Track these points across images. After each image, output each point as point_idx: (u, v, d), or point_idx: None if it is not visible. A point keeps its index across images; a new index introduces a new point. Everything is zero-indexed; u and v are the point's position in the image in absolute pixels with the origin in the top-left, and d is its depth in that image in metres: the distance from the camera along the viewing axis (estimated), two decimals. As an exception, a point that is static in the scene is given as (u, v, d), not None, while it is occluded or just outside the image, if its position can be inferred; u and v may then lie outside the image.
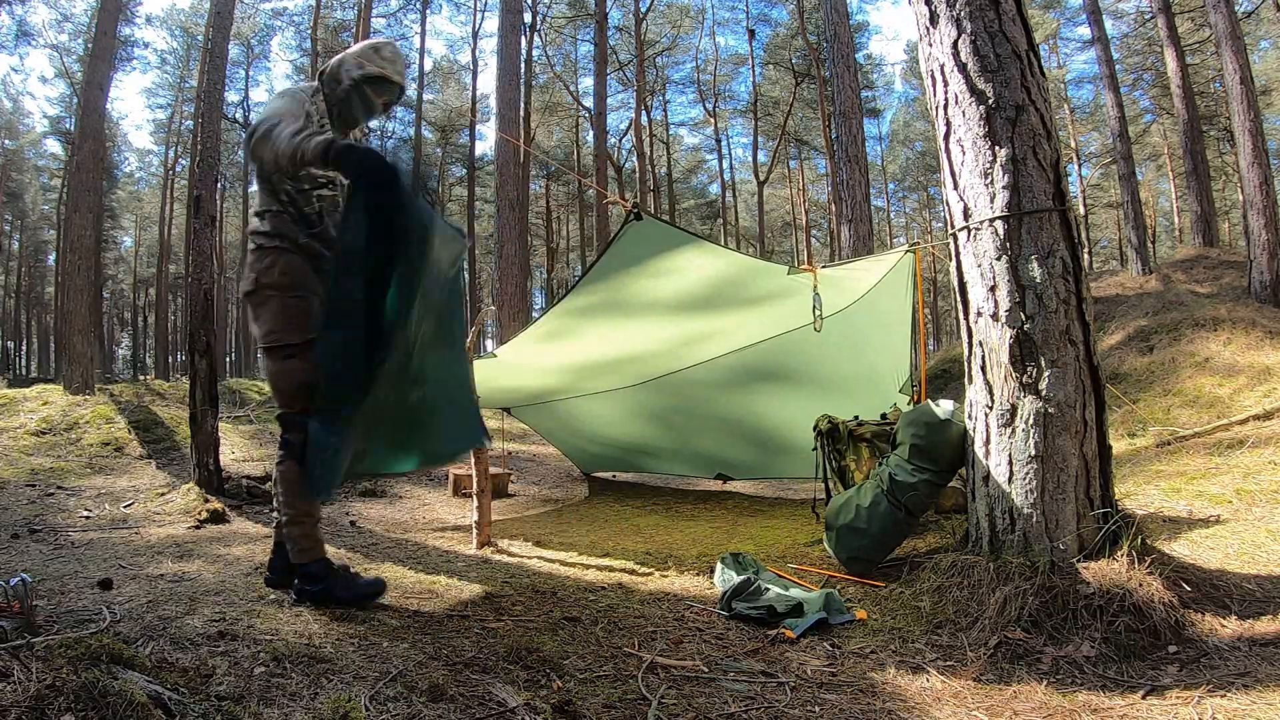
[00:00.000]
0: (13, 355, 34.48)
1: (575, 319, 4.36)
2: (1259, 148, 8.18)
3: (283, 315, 2.27)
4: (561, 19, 23.54)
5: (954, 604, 2.27)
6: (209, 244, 5.46)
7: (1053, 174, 2.40)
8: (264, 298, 2.28)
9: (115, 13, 10.34)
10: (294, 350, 2.25)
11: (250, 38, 24.86)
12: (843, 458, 3.80)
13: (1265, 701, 1.63)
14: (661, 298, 4.22)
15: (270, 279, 2.27)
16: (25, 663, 1.31)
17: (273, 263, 2.28)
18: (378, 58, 2.45)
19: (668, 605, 2.58)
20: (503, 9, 11.61)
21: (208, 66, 6.26)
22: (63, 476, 5.27)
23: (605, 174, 17.02)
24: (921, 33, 2.67)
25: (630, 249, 3.70)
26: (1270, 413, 5.06)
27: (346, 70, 2.43)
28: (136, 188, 34.26)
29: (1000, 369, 2.40)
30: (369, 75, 2.42)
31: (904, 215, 38.02)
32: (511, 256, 11.07)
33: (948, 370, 9.43)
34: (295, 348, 2.25)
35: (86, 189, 9.20)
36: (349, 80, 2.42)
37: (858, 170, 9.75)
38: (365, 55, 2.44)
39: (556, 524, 4.67)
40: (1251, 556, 2.66)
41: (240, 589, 2.42)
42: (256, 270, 2.30)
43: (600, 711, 1.65)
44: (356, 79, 2.42)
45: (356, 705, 1.48)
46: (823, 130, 22.08)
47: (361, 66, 2.42)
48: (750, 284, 4.18)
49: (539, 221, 30.87)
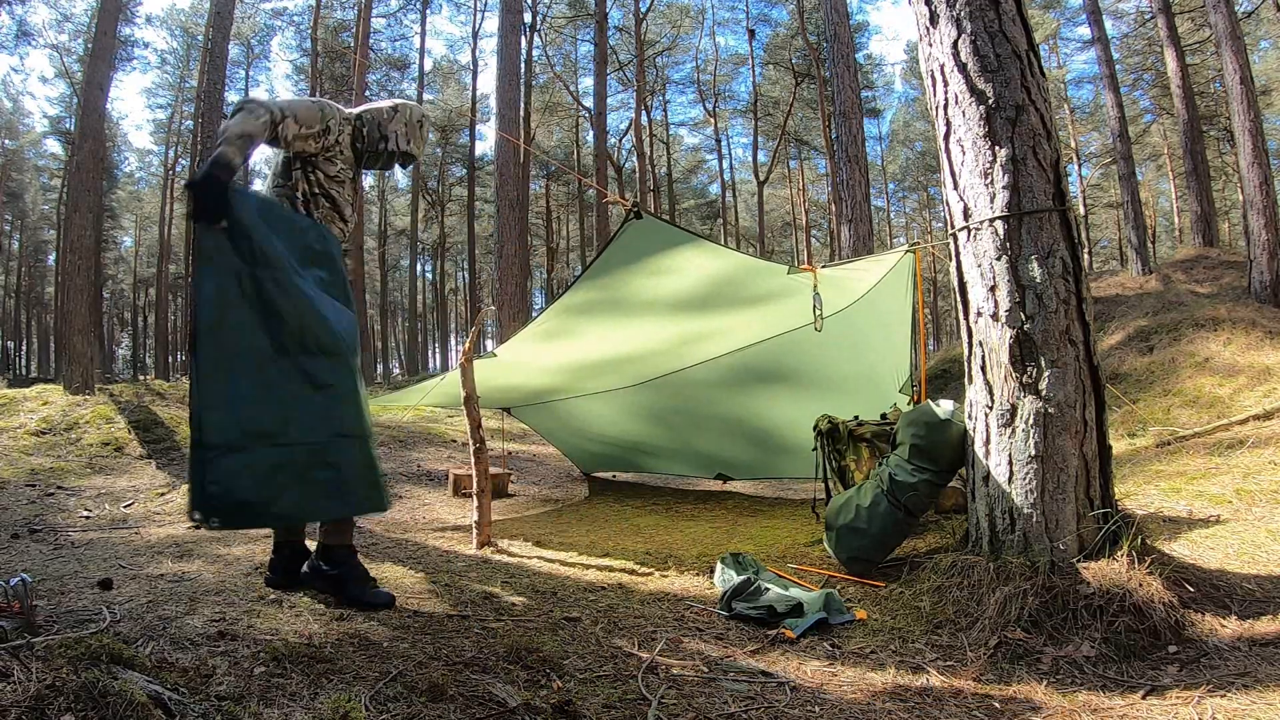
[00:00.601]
0: (13, 355, 34.48)
1: (575, 318, 4.36)
2: (1259, 148, 8.18)
3: None
4: (561, 19, 23.54)
5: (954, 604, 2.27)
6: (209, 244, 5.45)
7: (1053, 174, 2.40)
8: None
9: (115, 13, 10.34)
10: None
11: (250, 38, 24.85)
12: (843, 458, 3.80)
13: (1265, 701, 1.63)
14: (661, 297, 4.22)
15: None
16: (25, 663, 1.31)
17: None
18: (419, 137, 2.67)
19: (668, 605, 2.58)
20: (503, 9, 11.61)
21: (208, 66, 6.27)
22: (63, 476, 5.27)
23: (605, 174, 17.02)
24: (921, 33, 2.67)
25: (630, 248, 3.69)
26: (1270, 413, 5.07)
27: (394, 138, 2.60)
28: (136, 188, 34.26)
29: (1000, 369, 2.40)
30: (407, 153, 2.65)
31: (904, 215, 38.03)
32: (511, 256, 11.07)
33: (948, 370, 9.44)
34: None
35: (86, 189, 9.20)
36: (394, 146, 2.61)
37: (858, 170, 9.76)
38: (413, 131, 2.65)
39: (556, 524, 4.67)
40: (1251, 556, 2.66)
41: (240, 589, 2.42)
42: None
43: (600, 711, 1.65)
44: (398, 150, 2.62)
45: (356, 705, 1.48)
46: (823, 130, 22.09)
47: (409, 142, 2.64)
48: (750, 284, 4.18)
49: (539, 221, 30.87)
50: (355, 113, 2.58)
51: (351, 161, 2.56)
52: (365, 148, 2.57)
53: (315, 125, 2.36)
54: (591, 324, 4.45)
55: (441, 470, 6.49)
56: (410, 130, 2.63)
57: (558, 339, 4.58)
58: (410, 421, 8.46)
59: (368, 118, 2.57)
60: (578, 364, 5.07)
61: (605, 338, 4.67)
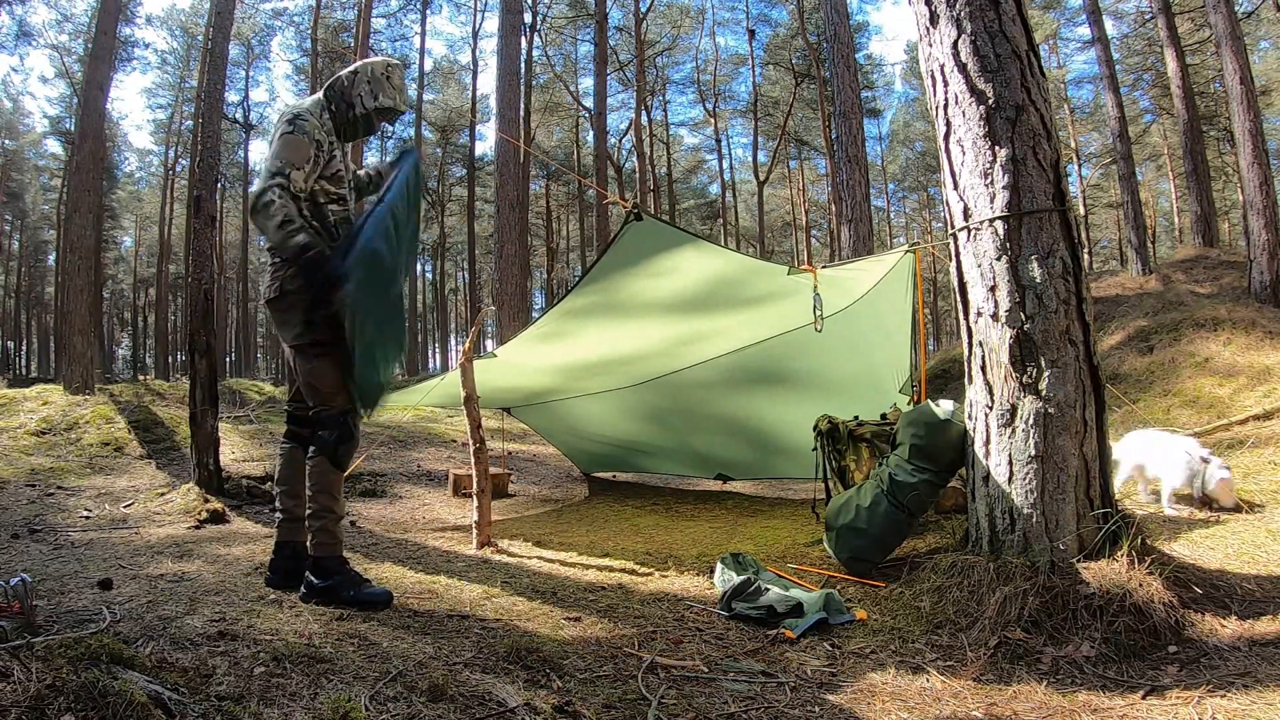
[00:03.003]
0: (13, 355, 34.47)
1: (575, 319, 4.35)
2: (1259, 148, 8.18)
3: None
4: (561, 19, 23.52)
5: (954, 604, 2.27)
6: (209, 244, 5.46)
7: (1053, 174, 2.40)
8: (291, 303, 2.35)
9: (115, 13, 10.34)
10: (324, 348, 2.33)
11: (250, 38, 24.84)
12: (843, 458, 3.80)
13: (1265, 701, 1.63)
14: (662, 298, 4.22)
15: (296, 285, 2.33)
16: (25, 663, 1.30)
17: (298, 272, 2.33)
18: (389, 87, 2.57)
19: (668, 605, 2.57)
20: (503, 9, 11.61)
21: (208, 66, 6.27)
22: (63, 476, 5.27)
23: (605, 174, 17.01)
24: (921, 33, 2.67)
25: (630, 249, 3.69)
26: (1270, 413, 5.07)
27: (360, 97, 2.53)
28: (136, 188, 34.24)
29: (1000, 369, 2.40)
30: (382, 107, 2.56)
31: (904, 215, 38.01)
32: (511, 256, 11.07)
33: (948, 370, 9.43)
34: (324, 345, 2.33)
35: (86, 189, 9.20)
36: (362, 109, 2.54)
37: (858, 170, 9.76)
38: (378, 85, 2.55)
39: (556, 524, 4.67)
40: (1251, 556, 2.66)
41: (240, 589, 2.42)
42: (281, 278, 2.36)
43: (600, 711, 1.65)
44: (370, 110, 2.54)
45: (356, 705, 1.47)
46: (823, 130, 22.08)
47: (375, 97, 2.54)
48: (750, 284, 4.18)
49: (539, 221, 30.86)
50: (321, 96, 2.53)
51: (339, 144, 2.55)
52: (340, 122, 2.54)
53: (308, 151, 2.37)
54: (592, 325, 4.45)
55: (441, 470, 6.50)
56: (376, 85, 2.55)
57: (558, 340, 4.58)
58: (410, 421, 8.46)
59: (333, 94, 2.53)
60: (578, 364, 5.07)
61: (605, 339, 4.67)
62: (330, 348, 2.33)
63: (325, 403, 2.36)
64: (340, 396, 2.36)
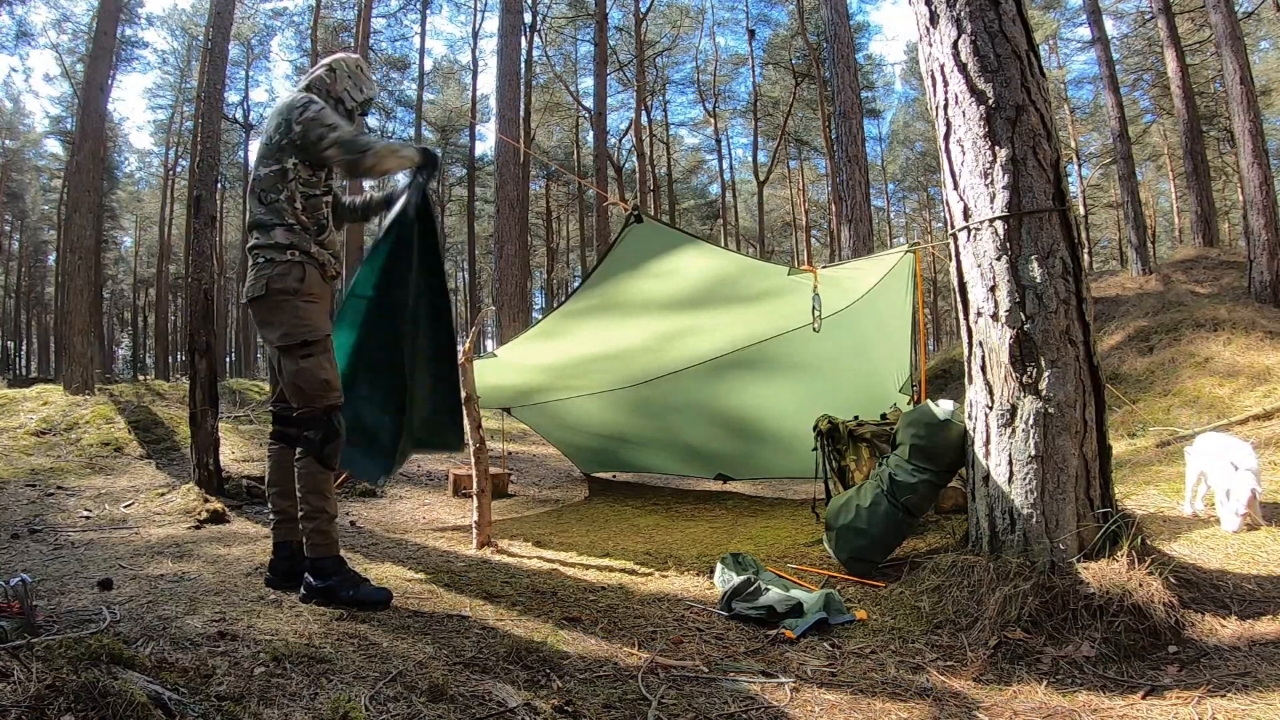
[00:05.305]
0: (13, 355, 34.47)
1: (576, 321, 4.36)
2: (1259, 148, 8.18)
3: (298, 316, 2.34)
4: (561, 19, 23.50)
5: (954, 604, 2.27)
6: (209, 244, 5.46)
7: (1053, 174, 2.40)
8: (277, 302, 2.34)
9: (115, 13, 10.34)
10: (311, 348, 2.33)
11: (250, 38, 24.81)
12: (843, 458, 3.80)
13: (1265, 702, 1.63)
14: (662, 299, 4.22)
15: (284, 284, 2.33)
16: (25, 663, 1.30)
17: (286, 271, 2.34)
18: (365, 79, 2.69)
19: (668, 605, 2.57)
20: (503, 9, 11.61)
21: (208, 67, 6.27)
22: (62, 476, 5.27)
23: (605, 174, 17.02)
24: (921, 33, 2.67)
25: (631, 252, 3.70)
26: (1270, 413, 5.06)
27: (347, 92, 2.61)
28: (136, 188, 34.22)
29: (1000, 369, 2.40)
30: (368, 99, 2.68)
31: (904, 215, 37.99)
32: (511, 256, 11.07)
33: (948, 370, 9.43)
34: (312, 345, 2.33)
35: (87, 189, 9.20)
36: (351, 102, 2.62)
37: (858, 170, 9.75)
38: (358, 78, 2.65)
39: (556, 524, 4.67)
40: (1251, 556, 2.66)
41: (240, 589, 2.42)
42: (267, 277, 2.34)
43: (600, 711, 1.65)
44: (359, 102, 2.65)
45: (356, 705, 1.47)
46: (823, 130, 22.06)
47: (360, 90, 2.65)
48: (750, 284, 4.18)
49: (539, 221, 30.85)
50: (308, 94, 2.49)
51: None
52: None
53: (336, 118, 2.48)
54: (593, 326, 4.46)
55: (441, 470, 6.49)
56: (356, 78, 2.65)
57: (558, 340, 4.58)
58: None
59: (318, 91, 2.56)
60: (578, 365, 5.07)
61: (606, 339, 4.68)
62: (317, 348, 2.34)
63: (309, 403, 2.34)
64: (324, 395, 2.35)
